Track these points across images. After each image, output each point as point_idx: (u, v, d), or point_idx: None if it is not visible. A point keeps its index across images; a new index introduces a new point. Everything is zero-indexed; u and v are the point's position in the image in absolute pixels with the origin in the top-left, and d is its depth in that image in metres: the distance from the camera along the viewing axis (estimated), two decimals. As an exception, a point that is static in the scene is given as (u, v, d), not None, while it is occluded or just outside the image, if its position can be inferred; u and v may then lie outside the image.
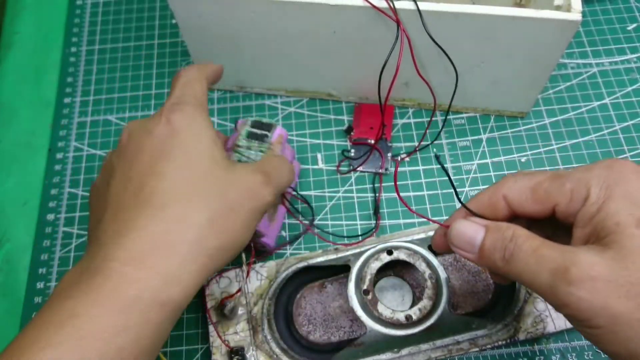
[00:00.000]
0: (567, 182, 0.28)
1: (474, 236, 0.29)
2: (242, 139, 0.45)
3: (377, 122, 0.51)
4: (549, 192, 0.28)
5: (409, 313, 0.41)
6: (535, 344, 0.44)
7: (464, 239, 0.30)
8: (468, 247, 0.30)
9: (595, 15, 0.59)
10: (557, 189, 0.28)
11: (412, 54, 0.45)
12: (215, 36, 0.49)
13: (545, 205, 0.29)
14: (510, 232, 0.28)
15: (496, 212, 0.30)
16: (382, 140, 0.51)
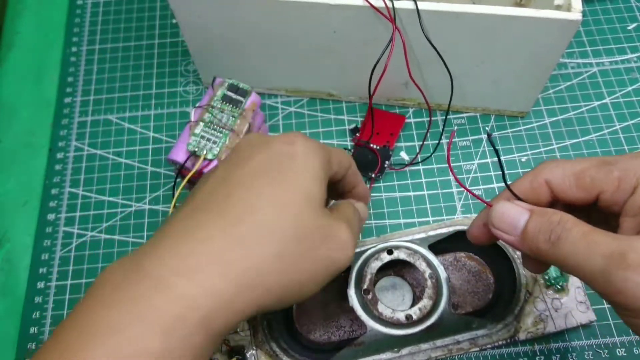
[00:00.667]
0: (615, 170, 0.27)
1: (518, 218, 0.28)
2: (217, 100, 0.47)
3: (385, 128, 0.51)
4: (595, 180, 0.28)
5: (409, 313, 0.41)
6: (535, 344, 0.44)
7: (507, 219, 0.29)
8: (510, 228, 0.29)
9: (596, 15, 0.59)
10: (604, 177, 0.27)
11: (406, 54, 0.45)
12: (215, 36, 0.49)
13: (590, 192, 0.28)
14: (557, 216, 0.27)
15: (538, 197, 0.30)
16: (385, 148, 0.50)
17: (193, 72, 0.58)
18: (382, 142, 0.50)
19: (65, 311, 0.47)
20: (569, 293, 0.44)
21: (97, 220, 0.51)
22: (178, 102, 0.57)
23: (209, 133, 0.45)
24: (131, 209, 0.51)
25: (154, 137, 0.55)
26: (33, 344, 0.46)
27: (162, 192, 0.52)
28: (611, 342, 0.44)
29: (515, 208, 0.29)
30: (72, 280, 0.49)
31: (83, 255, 0.50)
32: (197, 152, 0.45)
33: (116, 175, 0.53)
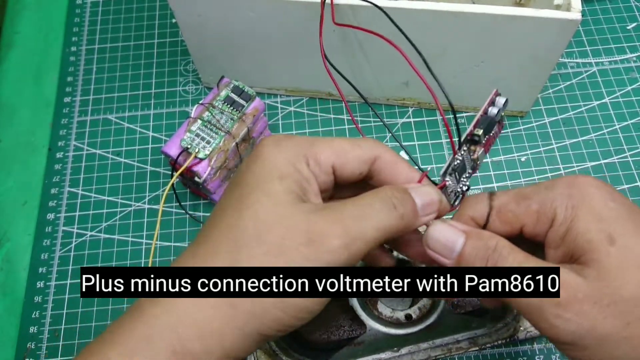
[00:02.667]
0: (533, 204, 0.27)
1: (454, 240, 0.27)
2: (219, 100, 0.46)
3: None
4: (515, 214, 0.28)
5: (408, 312, 0.41)
6: (534, 343, 0.44)
7: (442, 241, 0.28)
8: (446, 251, 0.28)
9: (595, 15, 0.59)
10: (524, 211, 0.27)
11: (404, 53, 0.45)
12: (215, 35, 0.49)
13: (513, 226, 0.28)
14: (493, 241, 0.27)
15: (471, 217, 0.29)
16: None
17: (192, 72, 0.58)
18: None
19: (65, 310, 0.47)
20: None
21: (97, 219, 0.51)
22: (177, 101, 0.57)
23: (204, 132, 0.45)
24: (130, 209, 0.51)
25: (153, 137, 0.55)
26: (32, 343, 0.46)
27: (162, 192, 0.52)
28: (610, 342, 0.44)
29: (450, 230, 0.28)
30: (72, 279, 0.49)
31: (82, 254, 0.50)
32: (189, 149, 0.44)
33: (115, 175, 0.53)
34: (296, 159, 0.27)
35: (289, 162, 0.27)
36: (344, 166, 0.28)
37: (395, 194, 0.27)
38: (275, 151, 0.27)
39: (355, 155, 0.28)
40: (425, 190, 0.29)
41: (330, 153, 0.28)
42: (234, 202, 0.27)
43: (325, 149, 0.28)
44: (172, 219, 0.51)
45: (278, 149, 0.27)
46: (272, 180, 0.26)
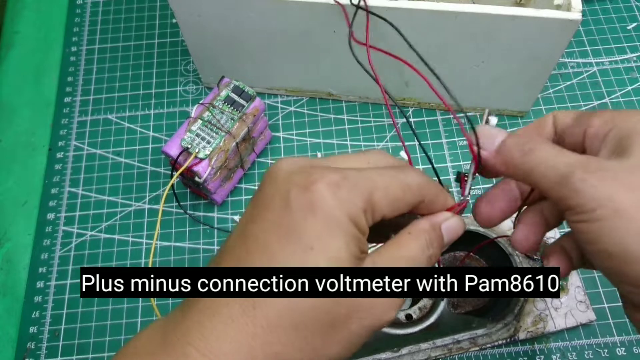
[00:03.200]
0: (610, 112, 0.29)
1: (496, 134, 0.29)
2: (219, 100, 0.46)
3: None
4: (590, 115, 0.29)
5: (408, 312, 0.41)
6: (535, 343, 0.44)
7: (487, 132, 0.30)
8: (488, 141, 0.29)
9: (595, 15, 0.59)
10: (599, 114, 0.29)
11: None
12: (215, 36, 0.49)
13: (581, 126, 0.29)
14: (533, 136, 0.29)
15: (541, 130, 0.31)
16: None
17: (193, 72, 0.58)
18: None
19: (65, 310, 0.47)
20: (569, 292, 0.44)
21: (97, 219, 0.51)
22: (178, 101, 0.57)
23: (204, 132, 0.45)
24: (131, 209, 0.51)
25: (153, 137, 0.55)
26: (32, 343, 0.46)
27: (162, 192, 0.52)
28: (611, 342, 0.44)
29: (495, 129, 0.30)
30: (72, 279, 0.49)
31: (83, 254, 0.50)
32: (189, 149, 0.45)
33: (116, 175, 0.53)
34: (358, 214, 0.25)
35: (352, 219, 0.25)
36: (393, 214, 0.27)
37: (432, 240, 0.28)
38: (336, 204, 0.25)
39: (406, 202, 0.27)
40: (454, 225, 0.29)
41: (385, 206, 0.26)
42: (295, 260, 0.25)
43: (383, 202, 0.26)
44: (173, 219, 0.51)
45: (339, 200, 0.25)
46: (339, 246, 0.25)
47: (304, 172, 0.26)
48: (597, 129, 0.29)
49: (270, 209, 0.26)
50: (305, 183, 0.25)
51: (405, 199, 0.27)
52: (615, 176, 0.25)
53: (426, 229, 0.28)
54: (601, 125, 0.29)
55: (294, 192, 0.25)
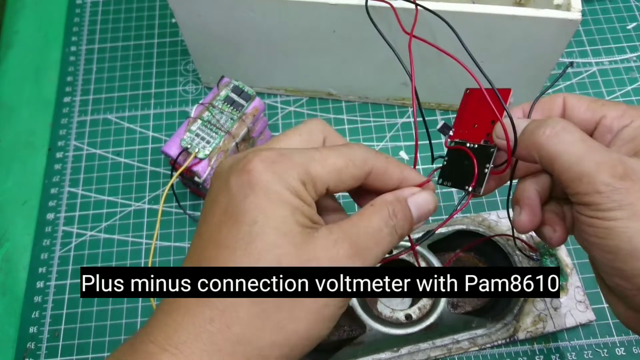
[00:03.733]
0: (624, 105, 0.29)
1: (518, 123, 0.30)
2: (219, 100, 0.46)
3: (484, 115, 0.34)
4: (604, 105, 0.30)
5: (408, 312, 0.41)
6: (534, 343, 0.44)
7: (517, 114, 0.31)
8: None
9: (595, 15, 0.59)
10: (613, 105, 0.29)
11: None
12: (215, 35, 0.49)
13: (594, 114, 0.30)
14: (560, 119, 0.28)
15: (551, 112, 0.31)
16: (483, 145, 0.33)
17: (192, 72, 0.58)
18: (482, 136, 0.34)
19: (65, 310, 0.47)
20: (568, 292, 0.44)
21: (97, 219, 0.51)
22: (177, 101, 0.57)
23: (204, 132, 0.45)
24: (130, 209, 0.51)
25: (153, 137, 0.55)
26: (32, 343, 0.46)
27: (162, 192, 0.52)
28: (610, 342, 0.44)
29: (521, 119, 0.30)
30: (72, 279, 0.49)
31: (82, 254, 0.50)
32: (189, 149, 0.45)
33: (115, 175, 0.53)
34: (297, 185, 0.26)
35: (291, 190, 0.25)
36: (338, 186, 0.28)
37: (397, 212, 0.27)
38: (274, 180, 0.25)
39: (349, 174, 0.27)
40: (423, 199, 0.29)
41: (325, 175, 0.27)
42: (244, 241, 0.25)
43: (321, 172, 0.27)
44: (172, 219, 0.51)
45: (275, 176, 0.25)
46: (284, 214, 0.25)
47: (241, 159, 0.26)
48: (612, 121, 0.29)
49: (217, 202, 0.26)
50: (242, 166, 0.26)
51: (349, 171, 0.27)
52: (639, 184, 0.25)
53: (389, 200, 0.28)
54: (617, 117, 0.29)
55: (232, 178, 0.26)
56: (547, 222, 0.31)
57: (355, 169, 0.27)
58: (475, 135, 0.34)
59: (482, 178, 0.32)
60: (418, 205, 0.29)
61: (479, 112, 0.34)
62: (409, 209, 0.28)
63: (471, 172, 0.32)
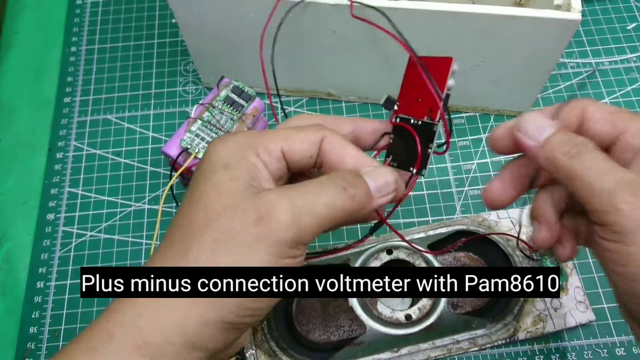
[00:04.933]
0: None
1: (545, 126, 0.29)
2: (219, 100, 0.46)
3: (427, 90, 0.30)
4: (625, 119, 0.29)
5: (408, 312, 0.41)
6: (535, 344, 0.44)
7: (535, 124, 0.29)
8: (535, 133, 0.29)
9: (595, 15, 0.59)
10: (634, 119, 0.28)
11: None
12: (215, 36, 0.49)
13: (615, 128, 0.29)
14: (582, 138, 0.28)
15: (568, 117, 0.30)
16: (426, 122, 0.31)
17: (192, 72, 0.58)
18: (425, 112, 0.31)
19: (65, 311, 0.47)
20: (568, 293, 0.44)
21: (97, 220, 0.51)
22: (177, 101, 0.57)
23: (204, 132, 0.45)
24: (130, 209, 0.51)
25: (153, 137, 0.55)
26: (32, 343, 0.46)
27: (162, 192, 0.52)
28: (610, 342, 0.44)
29: (545, 119, 0.29)
30: (72, 280, 0.49)
31: (82, 255, 0.50)
32: (189, 150, 0.45)
33: (115, 175, 0.53)
34: (242, 149, 0.28)
35: (235, 152, 0.28)
36: (292, 149, 0.28)
37: (346, 176, 0.28)
38: (220, 146, 0.28)
39: (301, 137, 0.29)
40: (379, 172, 0.29)
41: (276, 139, 0.28)
42: (187, 199, 0.28)
43: (271, 136, 0.28)
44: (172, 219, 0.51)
45: (223, 144, 0.28)
46: (216, 171, 0.27)
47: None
48: (633, 138, 0.28)
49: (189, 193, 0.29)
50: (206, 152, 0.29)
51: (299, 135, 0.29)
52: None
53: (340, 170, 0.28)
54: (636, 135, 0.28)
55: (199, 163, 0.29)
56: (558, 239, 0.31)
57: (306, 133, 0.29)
58: (419, 110, 0.31)
59: (426, 159, 0.30)
60: (374, 176, 0.29)
61: (422, 84, 0.31)
62: (362, 177, 0.28)
63: (416, 152, 0.31)
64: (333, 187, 0.27)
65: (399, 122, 0.32)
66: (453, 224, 0.46)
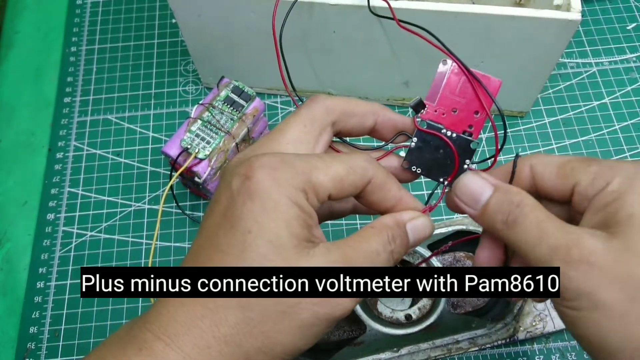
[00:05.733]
0: (594, 165, 0.27)
1: (480, 192, 0.28)
2: (219, 101, 0.46)
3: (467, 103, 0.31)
4: (574, 169, 0.27)
5: (408, 312, 0.41)
6: (534, 343, 0.44)
7: (468, 192, 0.29)
8: (471, 202, 0.28)
9: (595, 15, 0.59)
10: (583, 168, 0.27)
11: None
12: (215, 36, 0.49)
13: (566, 182, 0.28)
14: (518, 197, 0.27)
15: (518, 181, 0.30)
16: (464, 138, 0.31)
17: (192, 72, 0.58)
18: (462, 126, 0.31)
19: (65, 311, 0.47)
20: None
21: (97, 220, 0.51)
22: (177, 101, 0.57)
23: (204, 132, 0.45)
24: (130, 209, 0.51)
25: (153, 137, 0.55)
26: (32, 343, 0.46)
27: (162, 192, 0.52)
28: (610, 342, 0.44)
29: (480, 182, 0.29)
30: (72, 280, 0.49)
31: (82, 255, 0.50)
32: (189, 150, 0.45)
33: (115, 175, 0.53)
34: (297, 195, 0.26)
35: (291, 200, 0.25)
36: (340, 194, 0.28)
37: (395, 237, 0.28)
38: (274, 188, 0.25)
39: (350, 182, 0.27)
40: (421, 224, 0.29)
41: (327, 183, 0.27)
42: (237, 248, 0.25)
43: (323, 179, 0.27)
44: (172, 219, 0.51)
45: (276, 183, 0.25)
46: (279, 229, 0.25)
47: (246, 161, 0.26)
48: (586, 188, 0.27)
49: (219, 202, 0.26)
50: (246, 171, 0.26)
51: (350, 178, 0.27)
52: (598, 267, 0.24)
53: (390, 224, 0.28)
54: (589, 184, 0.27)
55: (235, 181, 0.26)
56: None
57: (356, 176, 0.27)
58: (455, 122, 0.31)
59: (460, 173, 0.31)
60: (416, 230, 0.29)
61: (462, 97, 0.31)
62: (407, 235, 0.28)
63: (449, 164, 0.31)
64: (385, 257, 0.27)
65: (428, 130, 0.31)
66: (453, 224, 0.46)
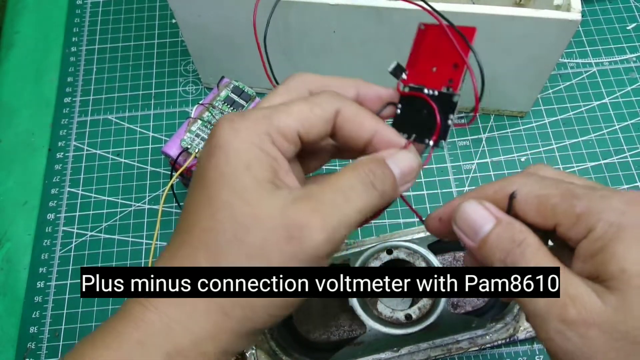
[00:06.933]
0: (578, 206, 0.24)
1: (482, 224, 0.26)
2: (219, 101, 0.46)
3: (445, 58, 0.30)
4: (555, 210, 0.25)
5: (408, 312, 0.41)
6: (534, 343, 0.44)
7: (469, 222, 0.26)
8: (470, 232, 0.26)
9: (595, 15, 0.59)
10: (565, 210, 0.25)
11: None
12: (215, 36, 0.49)
13: (547, 221, 0.25)
14: (521, 236, 0.25)
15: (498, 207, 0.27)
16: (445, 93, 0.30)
17: (192, 72, 0.58)
18: (443, 82, 0.30)
19: (65, 311, 0.47)
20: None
21: (97, 219, 0.51)
22: (177, 102, 0.57)
23: (204, 132, 0.45)
24: (130, 209, 0.51)
25: (153, 137, 0.55)
26: (32, 343, 0.46)
27: (162, 192, 0.52)
28: (610, 342, 0.44)
29: (482, 212, 0.26)
30: (72, 279, 0.49)
31: (83, 254, 0.50)
32: (189, 150, 0.45)
33: (115, 175, 0.53)
34: (259, 139, 0.25)
35: (253, 145, 0.25)
36: (310, 131, 0.26)
37: (374, 169, 0.26)
38: (233, 136, 0.25)
39: (317, 116, 0.26)
40: (403, 158, 0.27)
41: (292, 122, 0.26)
42: (204, 203, 0.25)
43: (286, 119, 0.26)
44: (172, 219, 0.51)
45: (236, 133, 0.25)
46: (239, 173, 0.24)
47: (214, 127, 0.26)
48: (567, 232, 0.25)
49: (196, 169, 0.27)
50: (211, 131, 0.26)
51: (315, 112, 0.26)
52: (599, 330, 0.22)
53: (366, 160, 0.26)
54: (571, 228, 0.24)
55: (205, 144, 0.26)
56: None
57: (322, 110, 0.27)
58: (435, 80, 0.30)
59: (446, 130, 0.29)
60: (399, 162, 0.27)
61: (438, 53, 0.30)
62: (389, 167, 0.27)
63: (432, 123, 0.29)
64: (362, 188, 0.25)
65: (409, 92, 0.29)
66: (453, 224, 0.46)
